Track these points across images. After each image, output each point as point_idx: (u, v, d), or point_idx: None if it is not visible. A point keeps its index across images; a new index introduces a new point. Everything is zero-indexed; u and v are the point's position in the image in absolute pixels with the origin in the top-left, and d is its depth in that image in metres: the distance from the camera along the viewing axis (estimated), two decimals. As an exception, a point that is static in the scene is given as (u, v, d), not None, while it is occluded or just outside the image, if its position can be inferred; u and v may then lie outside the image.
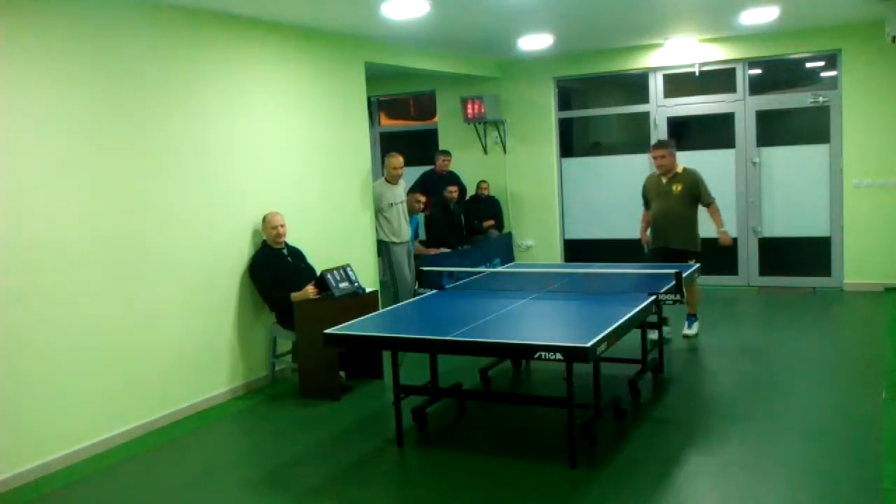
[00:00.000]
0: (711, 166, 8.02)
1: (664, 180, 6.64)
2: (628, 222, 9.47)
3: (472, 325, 4.48)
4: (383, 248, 7.46)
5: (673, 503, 3.83)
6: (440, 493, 4.10)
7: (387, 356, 5.66)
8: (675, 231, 6.53)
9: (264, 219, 5.98)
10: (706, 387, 5.66)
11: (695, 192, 6.53)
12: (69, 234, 4.66)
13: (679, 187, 6.54)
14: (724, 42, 8.62)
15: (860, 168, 8.26)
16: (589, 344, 3.79)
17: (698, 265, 6.15)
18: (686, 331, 6.73)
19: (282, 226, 5.95)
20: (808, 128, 8.96)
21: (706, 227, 6.75)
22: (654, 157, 6.64)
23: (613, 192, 9.59)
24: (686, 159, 6.53)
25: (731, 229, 6.50)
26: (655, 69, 9.13)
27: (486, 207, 9.58)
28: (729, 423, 4.86)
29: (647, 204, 6.87)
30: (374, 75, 7.98)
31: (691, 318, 6.78)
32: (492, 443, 4.76)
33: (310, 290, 5.76)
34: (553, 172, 9.74)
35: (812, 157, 8.67)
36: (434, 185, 9.06)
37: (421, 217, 8.68)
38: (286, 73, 6.43)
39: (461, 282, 6.09)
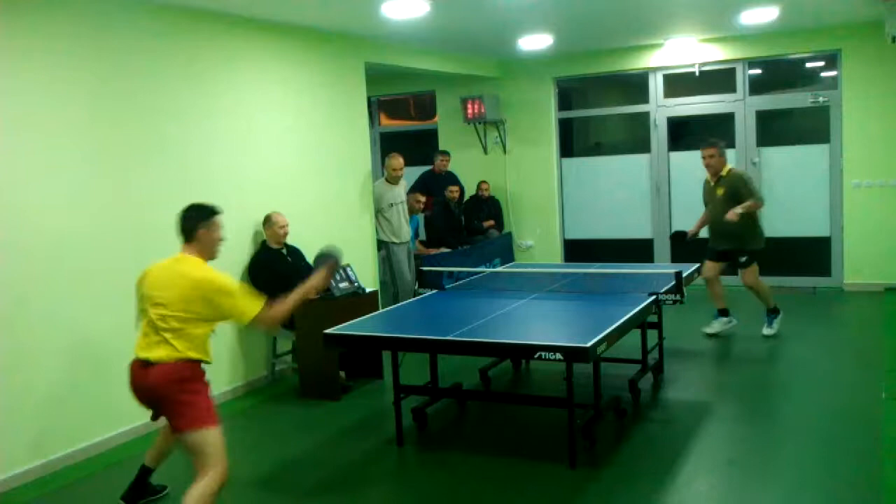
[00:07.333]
0: (711, 166, 8.02)
1: (712, 183, 6.56)
2: (628, 222, 9.53)
3: (472, 325, 4.47)
4: (383, 249, 7.46)
5: (673, 503, 3.84)
6: (440, 494, 4.11)
7: (387, 356, 5.65)
8: (724, 234, 6.45)
9: (268, 218, 5.97)
10: (706, 387, 5.66)
11: (736, 195, 6.34)
12: (70, 234, 4.66)
13: (721, 191, 6.44)
14: (724, 42, 8.62)
15: (860, 168, 8.26)
16: (589, 344, 3.80)
17: (698, 265, 6.13)
18: (766, 330, 6.45)
19: (286, 226, 5.96)
20: (808, 128, 8.96)
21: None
22: (703, 157, 6.52)
23: (613, 192, 9.60)
24: (686, 159, 6.51)
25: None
26: (655, 69, 9.13)
27: (487, 207, 9.58)
28: (729, 424, 4.87)
29: (706, 204, 6.76)
30: (374, 75, 7.97)
31: (771, 315, 6.51)
32: (492, 443, 4.76)
33: (310, 290, 5.76)
34: (553, 172, 9.74)
35: (812, 157, 8.68)
36: (434, 185, 9.06)
37: (421, 217, 8.68)
38: (286, 72, 6.42)
39: (461, 282, 6.08)
